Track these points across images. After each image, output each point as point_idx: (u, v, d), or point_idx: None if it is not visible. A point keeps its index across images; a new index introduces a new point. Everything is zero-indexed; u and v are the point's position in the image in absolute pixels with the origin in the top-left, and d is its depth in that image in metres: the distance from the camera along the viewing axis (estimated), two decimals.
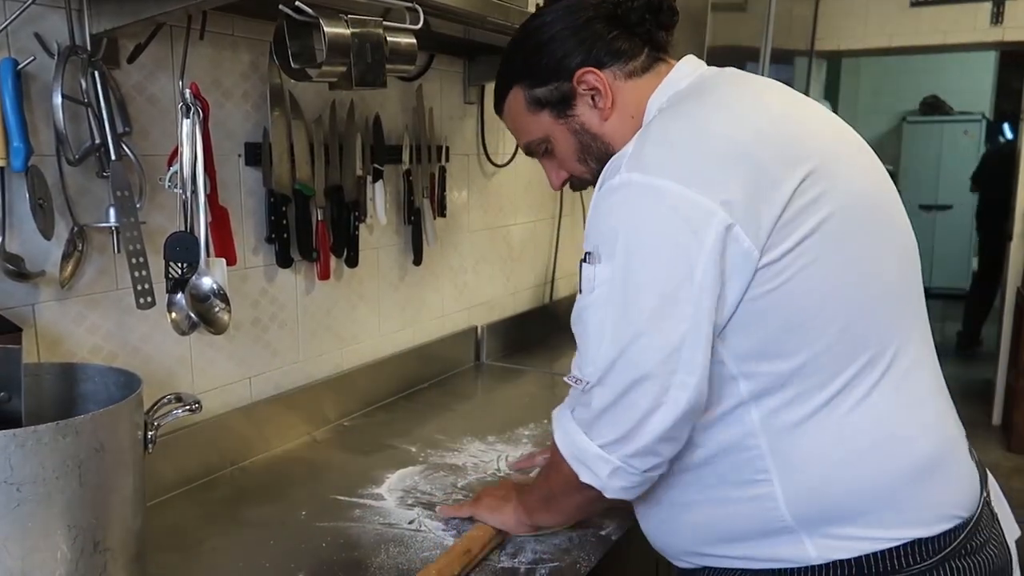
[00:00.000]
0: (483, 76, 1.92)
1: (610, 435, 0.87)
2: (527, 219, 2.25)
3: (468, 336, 2.01)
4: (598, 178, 1.02)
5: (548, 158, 1.08)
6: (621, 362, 0.84)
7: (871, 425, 0.86)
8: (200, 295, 1.10)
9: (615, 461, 0.88)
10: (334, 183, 1.51)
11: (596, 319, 0.86)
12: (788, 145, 0.86)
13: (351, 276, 1.63)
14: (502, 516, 1.12)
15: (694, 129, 0.87)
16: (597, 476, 0.90)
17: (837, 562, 0.85)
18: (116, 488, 0.87)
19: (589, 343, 0.87)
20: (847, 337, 0.85)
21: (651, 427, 0.84)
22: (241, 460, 1.38)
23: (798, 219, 0.82)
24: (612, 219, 0.85)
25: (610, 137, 1.00)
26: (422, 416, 1.64)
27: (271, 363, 1.46)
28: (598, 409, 0.87)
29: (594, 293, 0.86)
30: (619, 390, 0.84)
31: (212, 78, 1.28)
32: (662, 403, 0.83)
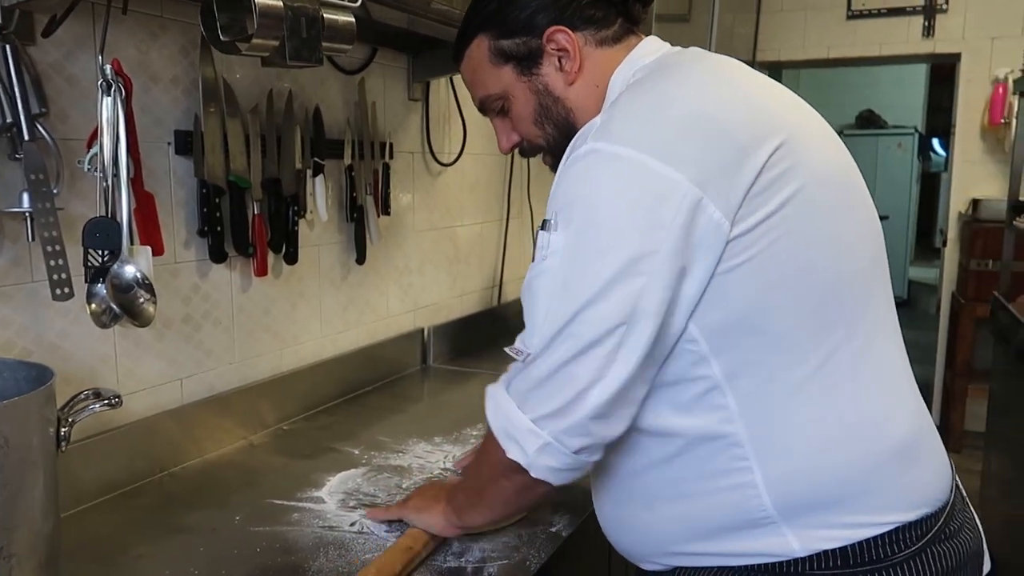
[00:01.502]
0: (428, 72, 1.88)
1: (544, 408, 0.82)
2: (474, 221, 2.21)
3: (414, 338, 1.96)
4: (551, 145, 1.00)
5: (502, 117, 1.03)
6: (566, 331, 0.80)
7: (852, 405, 0.83)
8: (122, 285, 1.03)
9: (546, 436, 0.83)
10: (271, 176, 1.45)
11: (546, 287, 0.82)
12: (757, 118, 0.83)
13: (290, 274, 1.56)
14: (430, 517, 1.05)
15: (663, 100, 0.84)
16: (524, 451, 0.84)
17: (822, 553, 0.81)
18: (23, 488, 0.80)
19: (537, 312, 0.83)
20: (821, 312, 0.83)
21: (587, 402, 0.80)
22: (171, 466, 1.30)
23: (769, 190, 0.80)
24: (574, 187, 0.82)
25: (572, 103, 0.96)
26: (366, 419, 1.58)
27: (204, 363, 1.39)
28: (536, 379, 0.83)
29: (546, 261, 0.82)
30: (561, 361, 0.80)
31: (138, 60, 1.22)
32: (602, 377, 0.79)
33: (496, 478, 0.92)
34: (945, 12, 3.73)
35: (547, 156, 1.03)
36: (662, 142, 0.79)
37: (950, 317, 3.94)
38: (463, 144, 2.07)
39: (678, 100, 0.84)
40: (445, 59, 1.86)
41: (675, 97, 0.84)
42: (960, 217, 3.88)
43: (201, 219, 1.34)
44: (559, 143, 0.96)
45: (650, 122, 0.82)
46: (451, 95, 2.02)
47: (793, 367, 0.82)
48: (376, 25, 1.49)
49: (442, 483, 1.15)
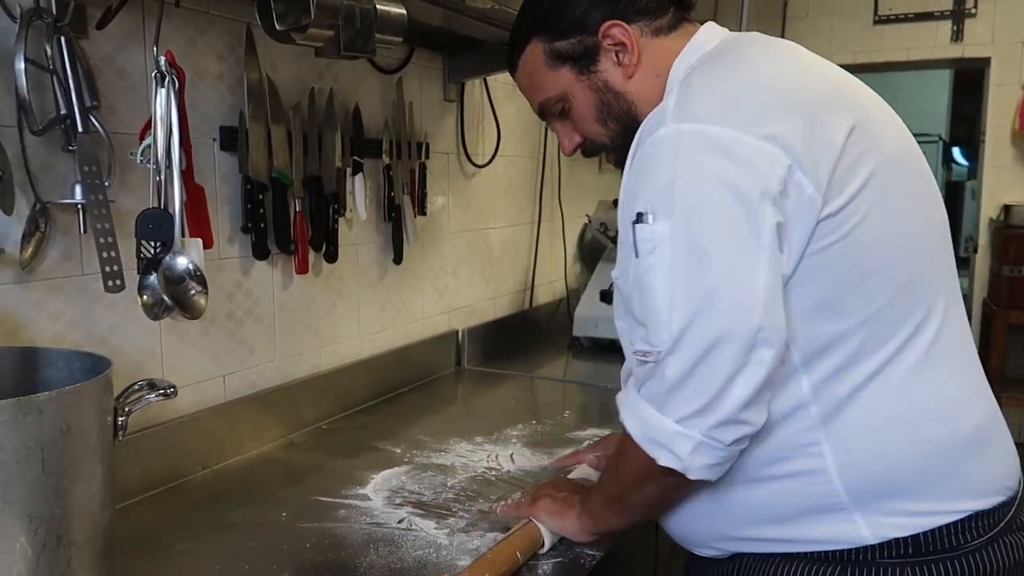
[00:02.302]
0: (463, 73, 1.88)
1: (688, 407, 0.77)
2: (506, 223, 2.20)
3: (449, 340, 1.95)
4: (614, 141, 0.97)
5: (563, 120, 1.01)
6: (698, 323, 0.75)
7: (929, 391, 0.82)
8: (174, 276, 1.03)
9: (697, 436, 0.77)
10: (313, 173, 1.45)
11: (663, 281, 0.78)
12: (832, 98, 0.82)
13: (330, 272, 1.55)
14: (563, 522, 1.01)
15: (740, 77, 0.82)
16: (678, 456, 0.79)
17: (893, 541, 0.79)
18: (83, 477, 0.79)
19: (658, 308, 0.78)
20: (899, 298, 0.81)
21: (735, 393, 0.75)
22: (214, 462, 1.29)
23: (852, 170, 0.78)
24: (664, 172, 0.79)
25: (633, 96, 0.94)
26: (404, 419, 1.57)
27: (247, 360, 1.38)
28: (673, 380, 0.77)
29: (654, 254, 0.78)
30: (697, 355, 0.76)
31: (185, 56, 1.22)
32: (746, 364, 0.75)
33: (641, 483, 0.87)
34: (974, 17, 3.69)
35: (611, 154, 1.01)
36: (748, 115, 0.78)
37: (982, 324, 3.87)
38: (497, 145, 2.06)
39: (756, 77, 0.82)
40: (480, 60, 1.86)
41: (753, 74, 0.83)
42: (991, 223, 3.82)
43: (245, 215, 1.34)
44: (623, 139, 0.94)
45: (731, 98, 0.80)
46: (485, 96, 2.02)
47: (870, 353, 0.80)
48: (413, 24, 1.49)
49: (572, 483, 1.11)
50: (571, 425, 1.53)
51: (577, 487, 1.07)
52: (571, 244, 2.55)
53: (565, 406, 1.71)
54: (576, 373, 2.05)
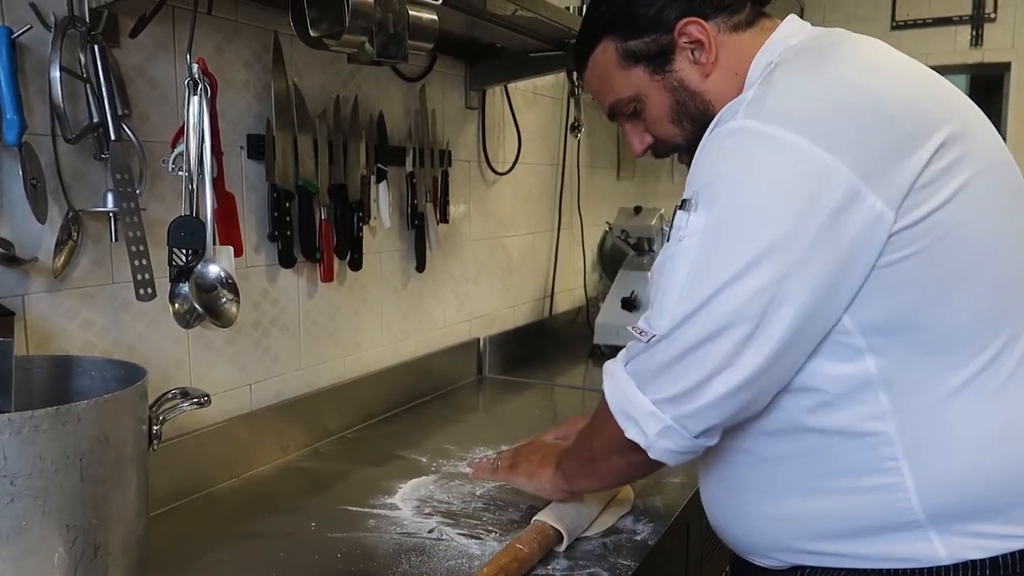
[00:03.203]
0: (484, 80, 1.88)
1: (667, 391, 0.80)
2: (526, 231, 2.19)
3: (470, 348, 1.94)
4: (689, 142, 0.94)
5: (633, 120, 0.99)
6: (698, 316, 0.76)
7: (1014, 411, 0.78)
8: (206, 284, 1.03)
9: (666, 419, 0.81)
10: (338, 181, 1.44)
11: (680, 269, 0.78)
12: (924, 105, 0.79)
13: (353, 280, 1.55)
14: (539, 482, 1.07)
15: (823, 80, 0.79)
16: (644, 433, 0.83)
17: (969, 562, 0.77)
18: (120, 486, 0.79)
19: (667, 293, 0.79)
20: (989, 312, 0.78)
21: (713, 388, 0.77)
22: (241, 472, 1.29)
23: (939, 181, 0.75)
24: (720, 167, 0.78)
25: (711, 95, 0.92)
26: (428, 428, 1.56)
27: (272, 369, 1.38)
28: (660, 363, 0.80)
29: (683, 243, 0.78)
30: (688, 345, 0.77)
31: (214, 65, 1.22)
32: (730, 365, 0.76)
33: (609, 453, 0.92)
34: (993, 21, 3.67)
35: (684, 155, 0.98)
36: (821, 124, 0.75)
37: None
38: (517, 153, 2.05)
39: (840, 80, 0.79)
40: (501, 67, 1.86)
41: (837, 77, 0.79)
42: None
43: (272, 223, 1.33)
44: (697, 139, 0.90)
45: (808, 101, 0.77)
46: (506, 104, 2.02)
47: (955, 368, 0.78)
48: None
49: (547, 445, 1.16)
50: None
51: (552, 448, 1.12)
52: (590, 251, 2.54)
53: (586, 414, 1.69)
54: (596, 381, 2.01)
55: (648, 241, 2.20)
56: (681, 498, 1.21)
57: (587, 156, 2.50)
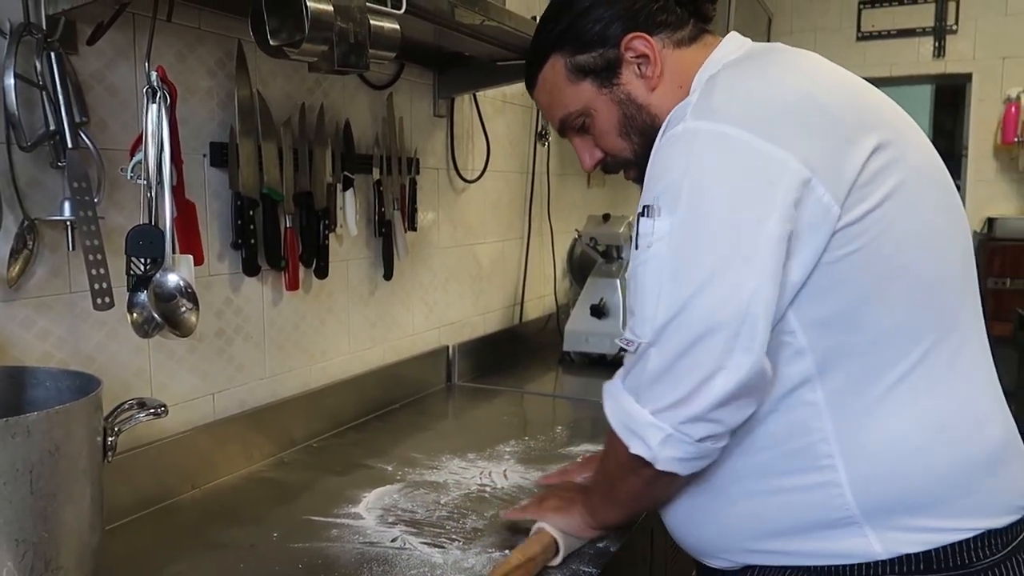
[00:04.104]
0: (453, 89, 1.88)
1: (664, 400, 0.79)
2: (495, 239, 2.20)
3: (439, 356, 1.94)
4: (637, 156, 0.97)
5: (583, 135, 1.01)
6: (681, 318, 0.77)
7: (945, 408, 0.81)
8: (165, 294, 1.02)
9: (667, 428, 0.80)
10: (303, 189, 1.44)
11: (653, 274, 0.79)
12: (861, 108, 0.83)
13: (320, 289, 1.54)
14: (568, 518, 1.03)
15: (766, 81, 0.83)
16: (648, 445, 0.81)
17: (904, 556, 0.79)
18: (72, 498, 0.78)
19: (645, 300, 0.80)
20: (918, 312, 0.81)
21: (710, 392, 0.77)
22: (204, 482, 1.27)
23: (873, 182, 0.78)
24: (675, 169, 0.79)
25: (656, 108, 0.94)
26: (396, 436, 1.55)
27: (236, 378, 1.37)
28: (653, 372, 0.79)
29: (652, 248, 0.79)
30: (677, 350, 0.77)
31: (176, 72, 1.21)
32: (723, 366, 0.76)
33: (624, 475, 0.90)
34: (955, 33, 3.76)
35: (632, 169, 1.00)
36: (768, 121, 0.78)
37: None
38: (486, 161, 2.06)
39: (783, 82, 0.82)
40: (469, 75, 1.87)
41: (780, 79, 0.83)
42: (975, 236, 3.87)
43: (235, 231, 1.32)
44: (646, 153, 0.93)
45: (754, 102, 0.80)
46: (475, 112, 2.02)
47: (888, 366, 0.80)
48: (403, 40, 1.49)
49: (576, 485, 1.14)
50: (563, 441, 1.52)
51: (581, 487, 1.09)
52: (560, 259, 2.55)
53: (556, 422, 1.70)
54: (566, 388, 2.04)
55: (617, 248, 2.21)
56: None
57: (557, 164, 2.51)
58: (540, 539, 1.02)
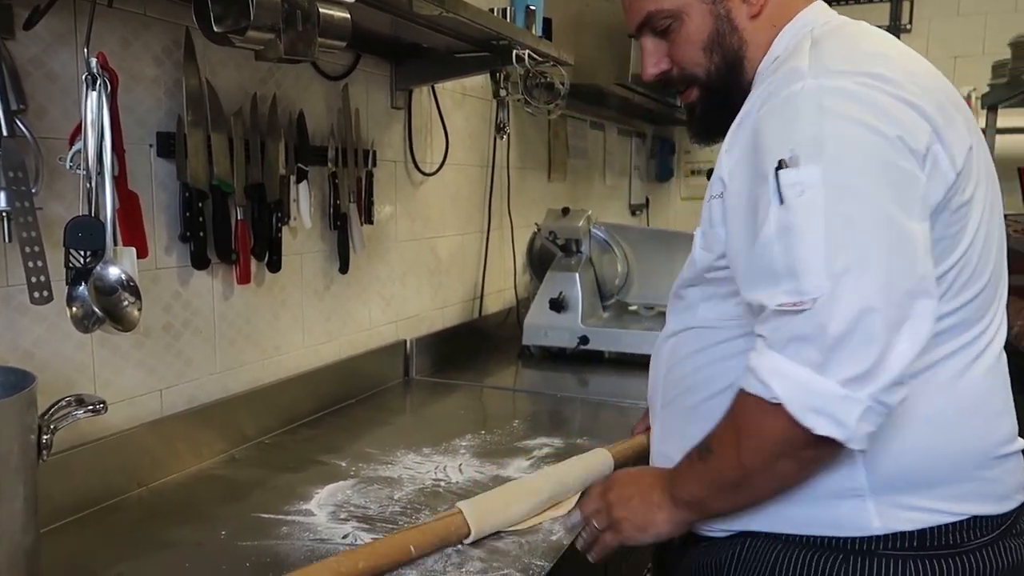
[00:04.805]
0: (410, 80, 1.86)
1: (855, 367, 0.71)
2: (455, 232, 2.19)
3: (397, 350, 1.92)
4: (710, 76, 0.95)
5: (659, 40, 0.97)
6: (859, 269, 0.71)
7: (976, 393, 0.83)
8: (106, 287, 0.99)
9: (865, 399, 0.71)
10: (255, 181, 1.41)
11: (817, 223, 0.73)
12: (949, 91, 0.84)
13: (272, 282, 1.52)
14: (656, 529, 0.91)
15: (881, 50, 0.83)
16: (843, 424, 0.71)
17: (899, 534, 0.80)
18: (3, 499, 0.75)
19: (812, 249, 0.73)
20: (979, 300, 0.83)
21: (901, 349, 0.71)
22: (150, 480, 1.25)
23: (967, 175, 0.80)
24: (807, 123, 0.76)
25: (748, 38, 0.93)
26: (351, 431, 1.54)
27: (185, 374, 1.34)
28: (836, 335, 0.71)
29: (804, 196, 0.73)
30: (860, 305, 0.70)
31: (120, 59, 1.18)
32: (908, 316, 0.71)
33: (772, 461, 0.78)
34: (909, 32, 3.83)
35: (696, 89, 0.98)
36: (895, 85, 0.77)
37: None
38: (445, 154, 2.04)
39: (896, 48, 0.84)
40: (428, 67, 1.85)
41: (891, 45, 0.84)
42: None
43: (183, 224, 1.29)
44: (719, 77, 0.93)
45: (872, 62, 0.79)
46: (433, 104, 2.00)
47: (935, 346, 0.79)
48: (359, 31, 1.47)
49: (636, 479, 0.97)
50: (520, 434, 1.52)
51: (644, 480, 0.96)
52: (520, 253, 2.55)
53: (515, 415, 1.70)
54: (526, 382, 2.04)
55: (576, 242, 2.21)
56: None
57: (517, 157, 2.50)
58: (446, 524, 1.03)
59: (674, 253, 2.23)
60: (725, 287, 0.90)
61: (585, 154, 3.11)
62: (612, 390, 1.88)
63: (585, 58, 2.34)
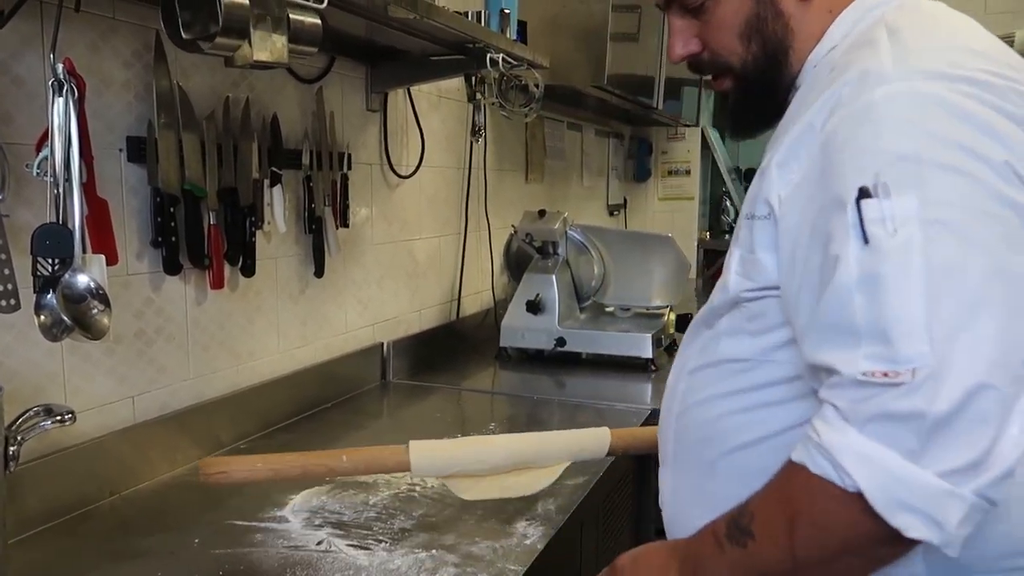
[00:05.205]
0: (386, 83, 1.86)
1: (960, 457, 0.57)
2: (432, 234, 2.18)
3: (373, 353, 1.92)
4: (744, 66, 0.82)
5: (690, 18, 0.84)
6: (968, 337, 0.57)
7: None
8: (75, 295, 0.98)
9: (970, 496, 0.57)
10: (228, 185, 1.40)
11: (913, 272, 0.59)
12: None
13: (247, 287, 1.51)
14: None
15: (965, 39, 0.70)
16: (941, 527, 0.58)
17: None
18: None
19: (909, 311, 0.59)
20: None
21: (1012, 435, 0.58)
22: (123, 488, 1.23)
23: None
24: (901, 138, 0.63)
25: (796, 24, 0.79)
26: (326, 436, 1.53)
27: (158, 380, 1.32)
28: (940, 416, 0.57)
29: (897, 237, 0.60)
30: (972, 383, 0.57)
31: (89, 63, 1.16)
32: (1018, 395, 0.58)
33: (835, 558, 0.64)
34: None
35: (728, 79, 0.86)
36: (998, 94, 0.65)
37: None
38: (421, 157, 2.04)
39: (993, 51, 0.69)
40: (403, 70, 1.85)
41: (987, 44, 0.70)
42: None
43: (155, 229, 1.28)
44: (757, 69, 0.81)
45: (977, 65, 0.66)
46: (409, 107, 2.00)
47: None
48: (334, 33, 1.47)
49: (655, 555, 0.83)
50: None
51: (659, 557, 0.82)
52: (498, 254, 2.55)
53: (491, 418, 1.70)
54: (503, 384, 2.05)
55: (552, 244, 2.22)
56: (576, 498, 1.22)
57: (494, 159, 2.51)
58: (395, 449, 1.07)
59: (650, 254, 2.25)
60: (765, 320, 0.76)
61: (562, 155, 3.12)
62: (589, 392, 1.89)
63: (561, 60, 2.35)
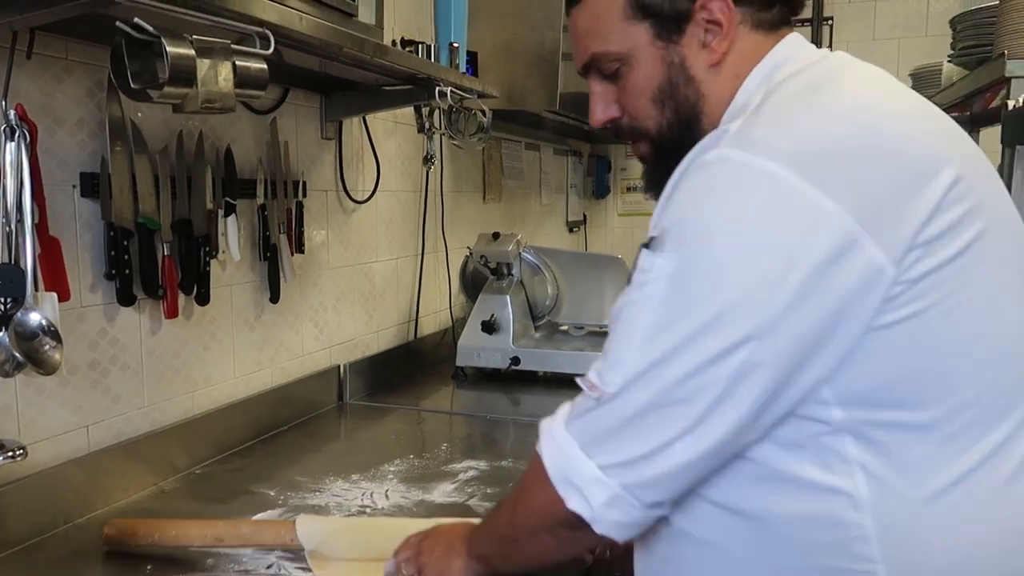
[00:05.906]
0: (341, 112, 1.90)
1: (617, 455, 0.71)
2: (389, 256, 2.23)
3: (330, 376, 1.95)
4: (660, 132, 0.84)
5: (607, 83, 0.86)
6: (653, 376, 0.68)
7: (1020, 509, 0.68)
8: (27, 333, 1.01)
9: (615, 487, 0.71)
10: (182, 217, 1.44)
11: (639, 319, 0.69)
12: (933, 141, 0.70)
13: (202, 315, 1.54)
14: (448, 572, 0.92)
15: (824, 109, 0.70)
16: (588, 504, 0.72)
17: None
18: None
19: (621, 345, 0.71)
20: (995, 390, 0.68)
21: (670, 456, 0.68)
22: (76, 517, 1.26)
23: (949, 232, 0.66)
24: (692, 201, 0.68)
25: (706, 89, 0.81)
26: (282, 459, 1.57)
27: (112, 409, 1.35)
28: (610, 423, 0.71)
29: (646, 288, 0.69)
30: (643, 406, 0.69)
31: (42, 104, 1.20)
32: (691, 431, 0.67)
33: (537, 530, 0.79)
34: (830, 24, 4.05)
35: (645, 144, 0.88)
36: (819, 159, 0.65)
37: None
38: (376, 181, 2.09)
39: (843, 110, 0.70)
40: (358, 99, 1.89)
41: (839, 106, 0.70)
42: None
43: (108, 262, 1.31)
44: (671, 132, 0.83)
45: (804, 133, 0.68)
46: (364, 133, 2.05)
47: (954, 456, 0.67)
48: (288, 67, 1.51)
49: (450, 530, 0.99)
50: (448, 458, 1.57)
51: (456, 531, 0.97)
52: (456, 275, 2.60)
53: (445, 438, 1.75)
54: (458, 404, 2.09)
55: (507, 266, 2.28)
56: None
57: (451, 181, 2.56)
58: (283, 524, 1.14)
59: (602, 273, 2.32)
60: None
61: (521, 175, 3.18)
62: (543, 410, 1.91)
63: (515, 85, 2.42)
